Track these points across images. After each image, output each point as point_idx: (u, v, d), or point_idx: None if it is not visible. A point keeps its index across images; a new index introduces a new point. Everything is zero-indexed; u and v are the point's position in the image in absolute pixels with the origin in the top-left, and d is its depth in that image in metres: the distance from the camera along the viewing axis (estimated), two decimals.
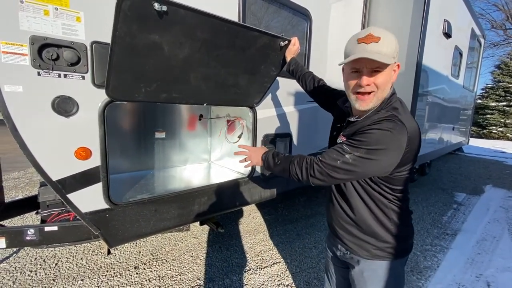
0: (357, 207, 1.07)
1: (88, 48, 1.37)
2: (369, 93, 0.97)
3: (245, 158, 1.32)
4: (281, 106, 2.48)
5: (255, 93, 2.02)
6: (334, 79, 2.18)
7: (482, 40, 5.68)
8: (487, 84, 17.80)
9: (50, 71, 1.29)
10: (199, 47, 1.39)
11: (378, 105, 0.99)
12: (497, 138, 16.16)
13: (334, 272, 1.35)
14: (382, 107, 0.99)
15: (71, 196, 1.41)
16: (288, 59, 1.66)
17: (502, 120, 16.22)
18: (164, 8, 1.10)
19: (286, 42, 1.59)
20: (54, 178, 1.35)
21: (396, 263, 1.07)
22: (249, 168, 2.30)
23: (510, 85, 16.19)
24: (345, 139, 1.03)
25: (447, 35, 3.36)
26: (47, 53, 1.27)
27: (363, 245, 1.08)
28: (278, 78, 2.40)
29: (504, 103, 16.38)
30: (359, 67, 0.96)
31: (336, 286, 1.36)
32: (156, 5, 1.08)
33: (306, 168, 0.99)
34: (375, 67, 0.93)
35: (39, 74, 1.27)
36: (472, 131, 16.02)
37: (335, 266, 1.33)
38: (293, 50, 1.64)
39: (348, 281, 1.20)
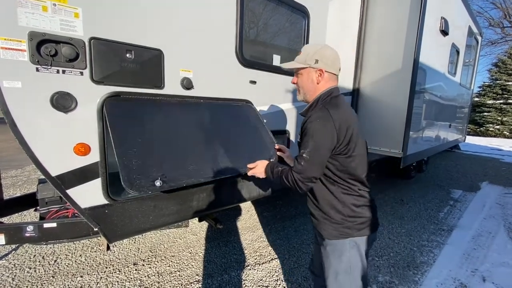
0: (316, 194, 1.30)
1: (87, 44, 1.38)
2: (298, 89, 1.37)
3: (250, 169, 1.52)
4: (279, 103, 2.49)
5: None
6: None
7: (479, 38, 5.70)
8: (484, 82, 17.88)
9: (49, 67, 1.29)
10: None
11: (312, 100, 1.31)
12: (494, 136, 16.26)
13: (315, 249, 1.57)
14: (318, 105, 1.26)
15: (71, 192, 1.42)
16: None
17: (499, 118, 16.31)
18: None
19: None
20: (54, 173, 1.36)
21: (354, 241, 1.24)
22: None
23: (507, 83, 16.26)
24: (298, 138, 1.32)
25: (444, 32, 3.37)
26: (46, 49, 1.27)
27: (324, 226, 1.30)
28: (276, 75, 2.41)
29: (501, 101, 16.45)
30: None
31: (316, 259, 1.56)
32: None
33: (292, 183, 1.21)
34: (296, 71, 1.35)
35: (37, 70, 1.27)
36: (469, 128, 16.11)
37: (316, 245, 1.53)
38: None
39: None
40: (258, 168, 1.47)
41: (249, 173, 1.52)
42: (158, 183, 1.22)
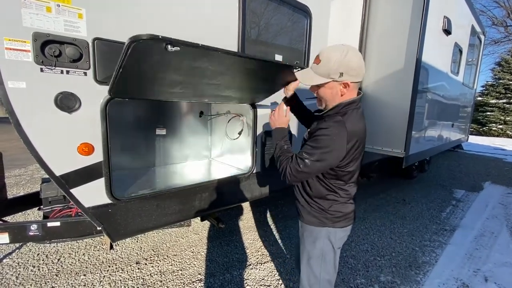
0: (304, 183, 1.37)
1: (90, 44, 1.39)
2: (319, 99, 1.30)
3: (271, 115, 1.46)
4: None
5: (259, 96, 2.05)
6: None
7: (482, 37, 5.66)
8: (487, 81, 17.74)
9: (53, 68, 1.30)
10: (207, 72, 1.36)
11: (333, 106, 1.24)
12: (497, 136, 16.15)
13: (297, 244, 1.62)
14: (336, 110, 1.22)
15: (74, 191, 1.43)
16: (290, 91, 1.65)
17: (502, 118, 16.20)
18: (177, 48, 1.06)
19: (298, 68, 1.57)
20: (58, 173, 1.37)
21: (328, 231, 1.33)
22: (249, 165, 2.32)
23: (510, 82, 16.14)
24: (306, 134, 1.34)
25: (447, 31, 3.36)
26: (50, 49, 1.28)
27: (304, 212, 1.39)
28: None
29: (504, 101, 16.34)
30: None
31: (296, 254, 1.62)
32: (169, 47, 1.05)
33: (283, 171, 1.24)
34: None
35: (42, 70, 1.28)
36: (471, 128, 16.00)
37: (298, 239, 1.58)
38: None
39: None
40: (278, 122, 1.40)
41: (271, 115, 1.44)
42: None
